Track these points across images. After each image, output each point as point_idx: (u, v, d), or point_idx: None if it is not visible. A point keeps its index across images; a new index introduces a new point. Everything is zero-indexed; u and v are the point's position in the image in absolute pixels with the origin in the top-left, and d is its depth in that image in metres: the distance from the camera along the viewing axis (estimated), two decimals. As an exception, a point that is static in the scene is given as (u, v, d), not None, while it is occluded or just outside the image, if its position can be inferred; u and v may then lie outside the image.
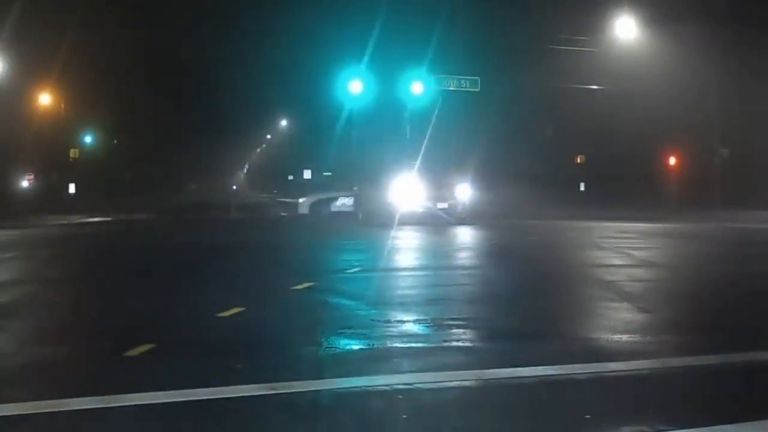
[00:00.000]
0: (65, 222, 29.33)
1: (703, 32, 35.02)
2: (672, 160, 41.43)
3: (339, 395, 5.43)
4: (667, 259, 15.14)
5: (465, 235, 22.60)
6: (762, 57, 35.27)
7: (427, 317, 8.44)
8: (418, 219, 25.86)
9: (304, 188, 39.30)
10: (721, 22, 35.92)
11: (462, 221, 26.10)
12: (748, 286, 11.00)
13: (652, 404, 5.18)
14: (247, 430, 4.87)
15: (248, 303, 9.18)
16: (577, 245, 18.56)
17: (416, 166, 27.79)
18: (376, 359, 6.55)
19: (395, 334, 7.64)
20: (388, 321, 8.25)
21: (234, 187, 63.89)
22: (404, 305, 9.39)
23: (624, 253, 15.51)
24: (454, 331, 7.78)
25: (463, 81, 36.30)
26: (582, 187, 45.59)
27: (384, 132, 39.92)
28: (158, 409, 5.04)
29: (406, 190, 26.53)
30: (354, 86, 34.08)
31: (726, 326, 7.95)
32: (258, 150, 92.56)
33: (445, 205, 26.40)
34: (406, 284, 11.73)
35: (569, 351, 6.60)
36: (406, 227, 24.13)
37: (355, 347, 7.06)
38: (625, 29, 34.55)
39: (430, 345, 7.11)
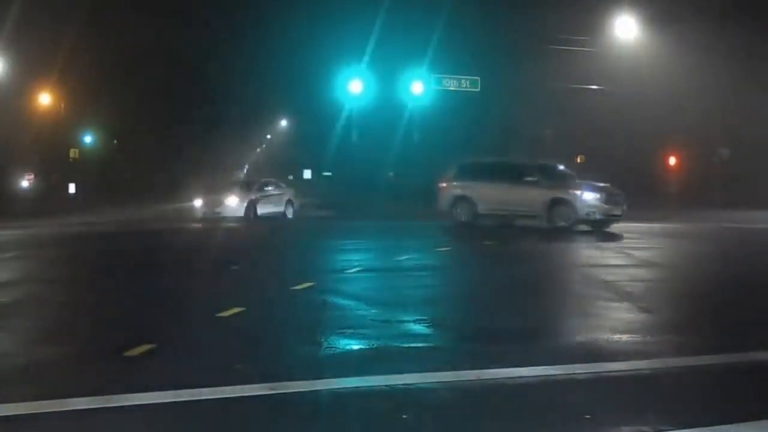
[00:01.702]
0: (65, 222, 29.32)
1: (704, 32, 35.06)
2: (672, 160, 41.50)
3: (339, 395, 5.43)
4: (668, 259, 15.13)
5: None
6: (762, 56, 35.30)
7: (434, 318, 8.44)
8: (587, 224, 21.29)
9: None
10: (721, 22, 35.97)
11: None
12: (748, 286, 11.00)
13: (652, 404, 5.18)
14: (247, 430, 4.88)
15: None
16: (576, 244, 18.54)
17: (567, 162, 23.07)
18: (376, 359, 6.56)
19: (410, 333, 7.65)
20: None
21: None
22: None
23: (624, 253, 15.50)
24: (454, 330, 7.80)
25: (463, 81, 36.35)
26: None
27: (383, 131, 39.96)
28: (158, 409, 5.05)
29: (586, 190, 21.29)
30: (354, 86, 34.12)
31: (726, 326, 7.95)
32: (258, 150, 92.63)
33: (618, 212, 21.39)
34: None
35: (569, 351, 6.61)
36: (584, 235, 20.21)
37: (356, 347, 7.06)
38: (625, 29, 34.63)
39: (429, 345, 7.13)
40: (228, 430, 4.84)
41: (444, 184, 23.93)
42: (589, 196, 21.12)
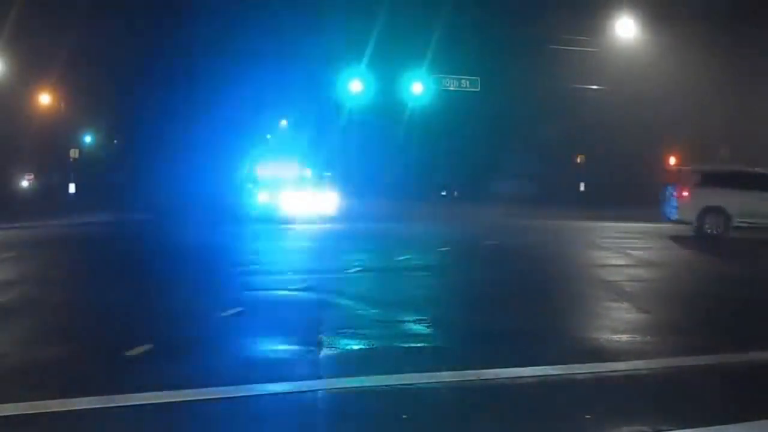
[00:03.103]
0: (65, 222, 29.30)
1: (704, 32, 35.07)
2: (672, 160, 41.48)
3: (339, 395, 5.43)
4: (667, 259, 15.13)
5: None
6: (762, 56, 35.32)
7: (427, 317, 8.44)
8: None
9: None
10: (721, 22, 35.97)
11: None
12: (747, 286, 11.00)
13: (652, 404, 5.18)
14: (247, 430, 4.88)
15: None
16: (577, 245, 18.54)
17: None
18: (376, 359, 6.56)
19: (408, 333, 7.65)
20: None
21: None
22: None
23: (624, 253, 15.50)
24: (454, 331, 7.80)
25: (463, 81, 36.32)
26: (582, 187, 45.57)
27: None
28: (158, 409, 5.05)
29: None
30: (354, 86, 34.11)
31: (726, 326, 7.95)
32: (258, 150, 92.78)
33: None
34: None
35: (569, 351, 6.61)
36: None
37: (357, 347, 7.06)
38: (625, 29, 34.60)
39: (429, 345, 7.13)
40: (227, 429, 4.84)
41: (686, 193, 20.90)
42: None
